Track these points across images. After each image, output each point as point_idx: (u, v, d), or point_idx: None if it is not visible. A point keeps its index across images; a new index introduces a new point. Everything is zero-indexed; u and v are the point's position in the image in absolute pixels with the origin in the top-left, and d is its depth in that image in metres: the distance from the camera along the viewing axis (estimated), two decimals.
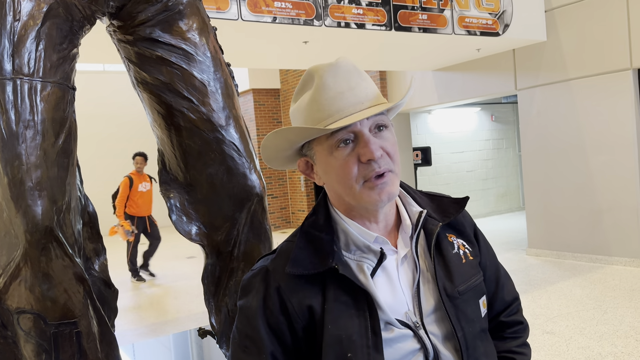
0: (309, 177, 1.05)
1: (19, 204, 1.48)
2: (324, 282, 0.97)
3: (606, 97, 5.94)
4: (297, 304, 0.96)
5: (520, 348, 1.16)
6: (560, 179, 6.48)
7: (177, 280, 6.84)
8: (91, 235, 1.94)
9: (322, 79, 0.97)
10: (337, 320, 0.95)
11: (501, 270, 1.18)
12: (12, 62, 1.52)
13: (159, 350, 4.60)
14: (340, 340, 0.94)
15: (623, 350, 3.62)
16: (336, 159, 0.96)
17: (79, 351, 1.56)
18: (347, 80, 0.97)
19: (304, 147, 1.03)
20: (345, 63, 0.99)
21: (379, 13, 5.09)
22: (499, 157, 10.87)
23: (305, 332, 0.97)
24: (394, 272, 1.01)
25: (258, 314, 0.98)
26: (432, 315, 1.00)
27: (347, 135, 0.95)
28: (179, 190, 2.02)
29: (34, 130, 1.52)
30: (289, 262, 0.98)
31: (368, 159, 0.94)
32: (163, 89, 1.88)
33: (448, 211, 1.08)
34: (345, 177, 0.96)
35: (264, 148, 1.04)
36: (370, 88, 0.99)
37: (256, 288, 1.00)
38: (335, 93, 0.96)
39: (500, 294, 1.16)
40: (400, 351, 0.96)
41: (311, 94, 0.98)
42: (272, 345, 0.97)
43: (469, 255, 1.08)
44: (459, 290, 1.02)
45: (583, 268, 6.00)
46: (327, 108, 0.95)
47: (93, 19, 1.78)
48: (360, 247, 1.00)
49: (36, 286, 1.50)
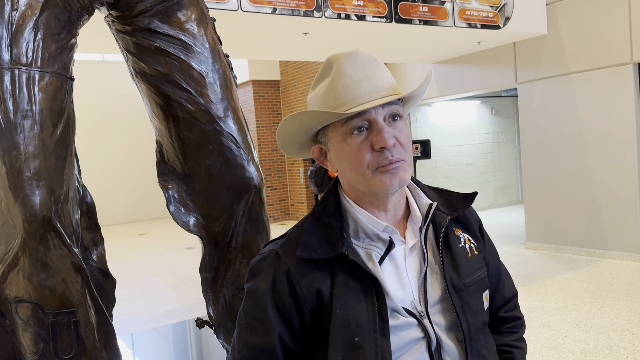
0: (322, 164, 1.07)
1: (17, 194, 1.49)
2: (333, 267, 0.99)
3: (606, 91, 5.93)
4: (305, 288, 0.97)
5: (517, 342, 1.20)
6: (559, 173, 6.49)
7: (176, 271, 6.86)
8: (89, 226, 1.95)
9: (341, 66, 0.98)
10: (345, 305, 0.96)
11: (502, 268, 1.21)
12: (10, 52, 1.52)
13: (157, 339, 4.63)
14: (348, 324, 0.96)
15: (619, 344, 3.64)
16: (350, 145, 0.97)
17: (77, 340, 1.57)
18: (364, 69, 0.98)
19: (319, 134, 1.04)
20: (364, 53, 1.01)
21: (379, 5, 5.07)
22: (498, 151, 10.86)
23: (313, 316, 0.99)
24: (402, 262, 1.03)
25: (267, 296, 0.99)
26: (437, 306, 1.02)
27: (361, 122, 0.96)
28: (177, 182, 2.03)
29: (32, 120, 1.52)
30: (300, 246, 0.99)
31: (381, 147, 0.95)
32: (161, 79, 1.88)
33: (456, 205, 1.10)
34: (357, 163, 0.97)
35: (280, 132, 1.05)
36: (387, 78, 1.00)
37: (265, 271, 1.01)
38: (352, 81, 0.97)
39: (501, 290, 1.19)
40: (404, 339, 0.98)
41: (328, 82, 0.99)
42: (280, 327, 0.99)
43: (474, 249, 1.10)
44: (464, 283, 1.04)
45: (581, 262, 6.02)
46: (343, 95, 0.97)
47: (91, 9, 1.78)
48: (369, 235, 1.01)
49: (34, 275, 1.50)
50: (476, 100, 10.36)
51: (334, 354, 0.96)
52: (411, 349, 0.99)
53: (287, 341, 0.99)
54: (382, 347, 0.95)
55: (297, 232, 1.04)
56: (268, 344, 0.99)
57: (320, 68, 1.04)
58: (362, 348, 0.95)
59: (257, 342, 1.00)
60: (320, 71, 1.04)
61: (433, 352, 0.99)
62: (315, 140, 1.06)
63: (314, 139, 1.06)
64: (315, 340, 1.00)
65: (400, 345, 0.98)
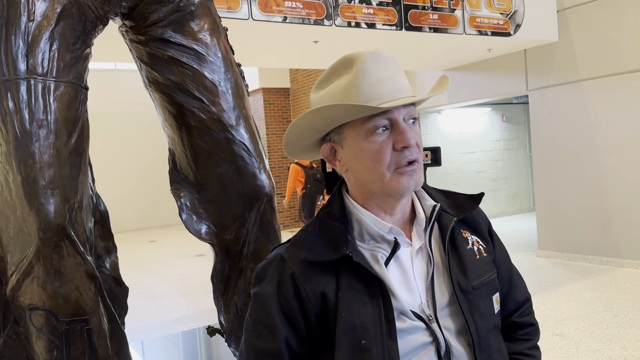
0: (330, 163, 1.06)
1: (31, 202, 1.50)
2: (338, 270, 0.98)
3: (618, 98, 5.89)
4: (310, 291, 0.97)
5: (531, 351, 1.16)
6: (571, 180, 6.44)
7: (187, 278, 6.87)
8: (102, 234, 1.96)
9: (365, 64, 0.98)
10: (351, 308, 0.96)
11: (514, 271, 1.19)
12: (27, 62, 1.54)
13: (168, 347, 4.63)
14: (354, 327, 0.95)
15: (633, 354, 3.59)
16: (370, 143, 0.97)
17: (90, 348, 1.58)
18: (387, 68, 0.99)
19: (331, 132, 1.03)
20: (385, 53, 1.02)
21: (389, 13, 5.09)
22: (509, 158, 10.80)
23: (318, 319, 0.98)
24: (408, 264, 1.02)
25: (272, 300, 0.99)
26: (446, 309, 1.01)
27: (383, 121, 0.97)
28: (189, 190, 2.04)
29: (47, 130, 1.54)
30: (304, 249, 0.99)
31: (403, 147, 0.96)
32: (174, 89, 1.90)
33: (463, 207, 1.09)
34: (378, 162, 0.97)
35: (294, 127, 1.04)
36: (406, 80, 1.01)
37: (270, 275, 1.01)
38: (376, 79, 0.97)
39: (513, 294, 1.16)
40: (412, 343, 0.97)
41: (350, 79, 0.98)
42: (286, 331, 0.98)
43: (482, 251, 1.08)
44: (472, 285, 1.03)
45: (593, 270, 5.96)
46: (367, 92, 0.96)
47: (106, 19, 1.80)
48: (374, 237, 1.01)
49: (48, 283, 1.52)
50: (487, 107, 10.32)
51: (341, 358, 0.95)
52: (419, 354, 0.97)
53: (294, 345, 0.99)
54: (390, 350, 0.94)
55: (302, 235, 1.04)
56: (275, 348, 0.98)
57: (330, 67, 1.03)
58: (369, 351, 0.94)
59: (264, 346, 0.99)
60: (331, 70, 1.03)
61: (442, 357, 0.98)
62: (325, 139, 1.05)
63: (321, 140, 1.06)
64: (322, 344, 0.99)
65: (408, 350, 0.96)
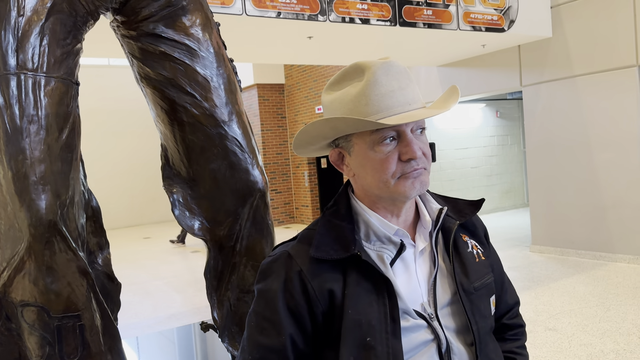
0: (337, 167, 1.08)
1: (22, 198, 1.49)
2: (345, 268, 1.00)
3: (611, 94, 5.91)
4: (317, 288, 0.98)
5: (520, 349, 1.23)
6: (565, 176, 6.46)
7: (181, 274, 6.87)
8: (94, 230, 1.96)
9: (375, 75, 0.99)
10: (357, 305, 0.97)
11: (505, 276, 1.25)
12: (16, 57, 1.53)
13: (162, 343, 4.63)
14: (360, 324, 0.97)
15: (625, 348, 3.62)
16: (377, 153, 0.99)
17: (82, 344, 1.57)
18: (397, 79, 1.00)
19: (340, 139, 1.05)
20: (397, 63, 1.02)
21: (383, 8, 5.08)
22: (503, 154, 10.83)
23: (324, 317, 0.99)
24: (412, 265, 1.05)
25: (278, 297, 1.00)
26: (447, 309, 1.05)
27: (391, 133, 0.98)
28: (182, 185, 2.03)
29: (38, 125, 1.53)
30: (313, 247, 1.00)
31: (409, 158, 0.98)
32: (166, 84, 1.89)
33: (464, 212, 1.13)
34: (383, 171, 0.99)
35: (303, 132, 1.06)
36: (416, 91, 1.02)
37: (276, 272, 1.02)
38: (386, 90, 0.98)
39: (505, 298, 1.22)
40: (415, 341, 1.00)
41: (360, 88, 0.99)
42: (291, 327, 0.99)
43: (481, 255, 1.13)
44: (474, 287, 1.07)
45: (586, 265, 5.99)
46: (376, 104, 0.98)
47: (97, 14, 1.79)
48: (380, 238, 1.03)
49: (40, 279, 1.51)
50: (481, 103, 10.34)
51: (346, 354, 0.96)
52: (421, 351, 1.00)
53: (298, 342, 1.00)
54: (394, 348, 0.96)
55: (309, 234, 1.05)
56: (279, 344, 0.99)
57: (342, 70, 1.04)
58: (374, 349, 0.96)
59: (267, 342, 1.00)
60: (342, 74, 1.04)
61: (443, 355, 1.01)
62: (333, 144, 1.08)
63: (330, 143, 1.08)
64: (326, 340, 1.01)
65: (411, 347, 0.99)
